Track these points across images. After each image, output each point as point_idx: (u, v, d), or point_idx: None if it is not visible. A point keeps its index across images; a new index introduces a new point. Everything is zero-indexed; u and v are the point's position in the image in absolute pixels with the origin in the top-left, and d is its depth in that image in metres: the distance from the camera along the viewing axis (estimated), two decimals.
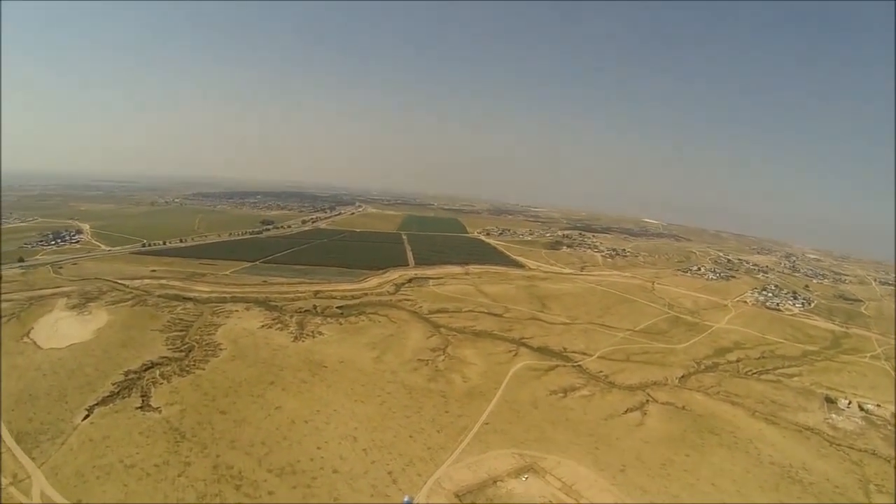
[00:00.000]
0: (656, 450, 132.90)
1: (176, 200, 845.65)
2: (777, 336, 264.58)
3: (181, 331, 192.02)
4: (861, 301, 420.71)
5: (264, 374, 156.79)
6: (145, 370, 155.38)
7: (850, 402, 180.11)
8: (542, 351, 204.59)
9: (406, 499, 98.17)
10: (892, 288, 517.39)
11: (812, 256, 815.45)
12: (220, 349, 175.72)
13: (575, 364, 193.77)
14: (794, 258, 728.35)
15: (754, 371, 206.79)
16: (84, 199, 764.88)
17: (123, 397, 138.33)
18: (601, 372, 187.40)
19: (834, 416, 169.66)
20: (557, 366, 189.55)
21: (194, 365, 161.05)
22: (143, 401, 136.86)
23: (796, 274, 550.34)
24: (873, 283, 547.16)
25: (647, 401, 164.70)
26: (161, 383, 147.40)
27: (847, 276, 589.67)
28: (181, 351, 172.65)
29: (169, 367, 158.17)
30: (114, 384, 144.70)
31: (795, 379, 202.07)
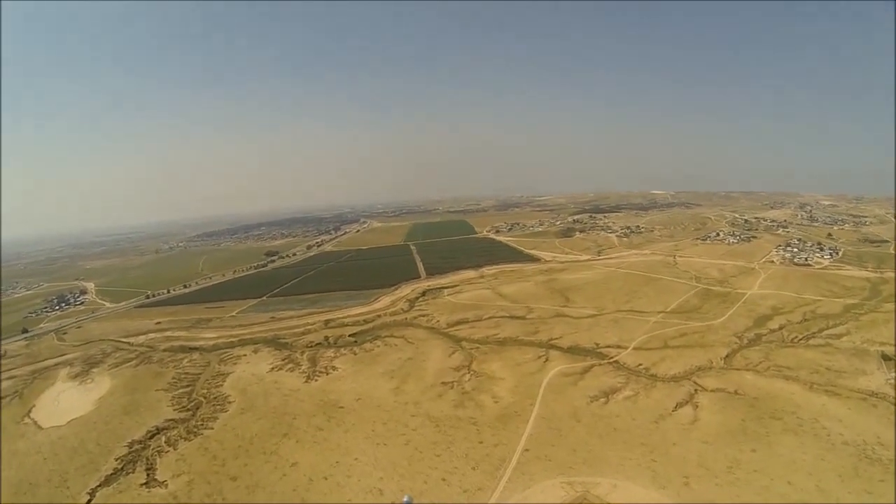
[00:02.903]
0: (719, 450, 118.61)
1: (180, 244, 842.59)
2: (814, 294, 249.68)
3: (187, 386, 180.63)
4: (887, 241, 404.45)
5: (276, 426, 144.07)
6: (150, 438, 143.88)
7: None
8: (574, 351, 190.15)
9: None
10: None
11: (826, 203, 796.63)
12: (229, 402, 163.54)
13: (611, 360, 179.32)
14: (810, 207, 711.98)
15: (800, 337, 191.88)
16: (90, 256, 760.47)
17: (127, 473, 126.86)
18: (640, 365, 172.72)
19: (895, 374, 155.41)
20: (593, 366, 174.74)
21: (202, 425, 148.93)
22: (148, 475, 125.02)
23: (815, 223, 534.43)
24: (894, 221, 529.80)
25: (696, 391, 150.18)
26: (167, 451, 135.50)
27: (866, 217, 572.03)
28: (188, 410, 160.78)
29: (175, 431, 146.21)
30: (117, 459, 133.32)
31: (845, 339, 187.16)
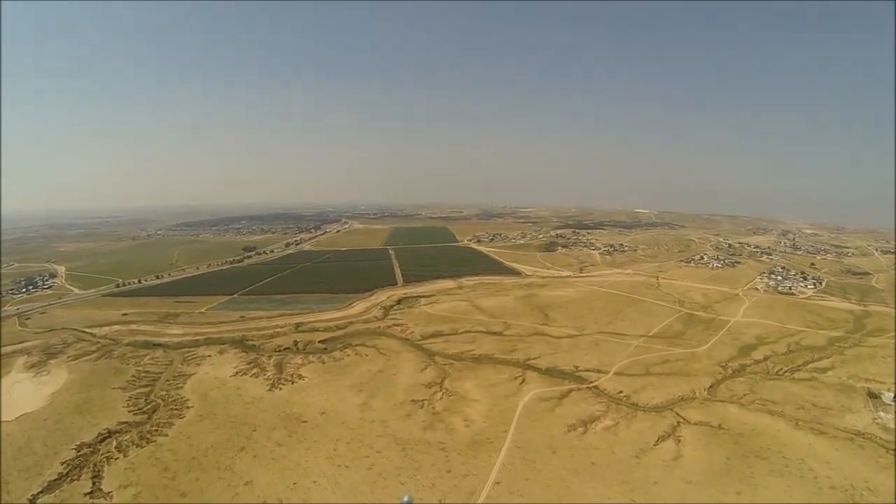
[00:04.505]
0: (702, 491, 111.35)
1: (158, 232, 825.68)
2: (798, 324, 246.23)
3: (146, 386, 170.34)
4: (869, 274, 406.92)
5: (234, 438, 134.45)
6: (101, 441, 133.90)
7: (895, 396, 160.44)
8: (552, 373, 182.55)
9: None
10: None
11: (809, 231, 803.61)
12: (188, 407, 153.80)
13: (590, 385, 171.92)
14: (792, 235, 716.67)
15: (785, 369, 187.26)
16: (65, 238, 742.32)
17: (72, 480, 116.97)
18: (621, 392, 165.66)
19: (882, 413, 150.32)
20: (571, 390, 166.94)
21: (156, 430, 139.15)
22: (93, 484, 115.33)
23: (798, 252, 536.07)
24: (876, 254, 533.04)
25: (679, 423, 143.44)
26: (116, 458, 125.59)
27: (848, 248, 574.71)
28: (143, 413, 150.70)
29: (128, 436, 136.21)
30: (63, 464, 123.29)
31: (830, 374, 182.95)
